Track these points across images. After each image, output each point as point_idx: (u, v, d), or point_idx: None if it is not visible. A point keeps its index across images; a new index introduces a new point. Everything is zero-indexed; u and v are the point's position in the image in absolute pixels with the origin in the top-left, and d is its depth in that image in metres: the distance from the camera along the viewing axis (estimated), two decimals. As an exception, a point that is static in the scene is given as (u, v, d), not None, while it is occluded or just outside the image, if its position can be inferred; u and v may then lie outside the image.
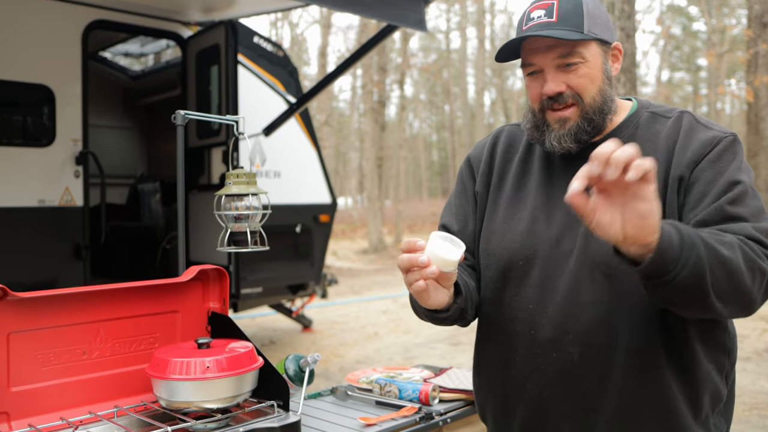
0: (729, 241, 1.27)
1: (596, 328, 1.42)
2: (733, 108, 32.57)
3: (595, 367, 1.42)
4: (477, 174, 1.69)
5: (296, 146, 6.66)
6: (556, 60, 1.45)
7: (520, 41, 1.48)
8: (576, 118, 1.47)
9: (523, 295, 1.52)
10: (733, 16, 24.49)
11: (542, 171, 1.58)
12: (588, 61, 1.46)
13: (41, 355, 1.55)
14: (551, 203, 1.53)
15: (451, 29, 31.88)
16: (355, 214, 33.57)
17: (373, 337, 7.63)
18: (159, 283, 1.72)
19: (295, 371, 1.88)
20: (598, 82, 1.47)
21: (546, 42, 1.45)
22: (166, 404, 1.56)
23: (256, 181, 1.83)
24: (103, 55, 8.18)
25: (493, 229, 1.60)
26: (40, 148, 5.03)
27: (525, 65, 1.52)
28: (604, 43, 1.49)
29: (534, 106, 1.53)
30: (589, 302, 1.42)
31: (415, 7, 4.56)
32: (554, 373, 1.46)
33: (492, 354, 1.60)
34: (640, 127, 1.51)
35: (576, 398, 1.45)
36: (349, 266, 16.03)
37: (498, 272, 1.56)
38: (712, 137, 1.43)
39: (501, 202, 1.62)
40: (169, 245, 6.62)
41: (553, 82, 1.46)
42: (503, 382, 1.56)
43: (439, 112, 39.53)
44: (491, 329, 1.60)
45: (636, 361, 1.40)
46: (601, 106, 1.48)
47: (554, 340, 1.46)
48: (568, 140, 1.48)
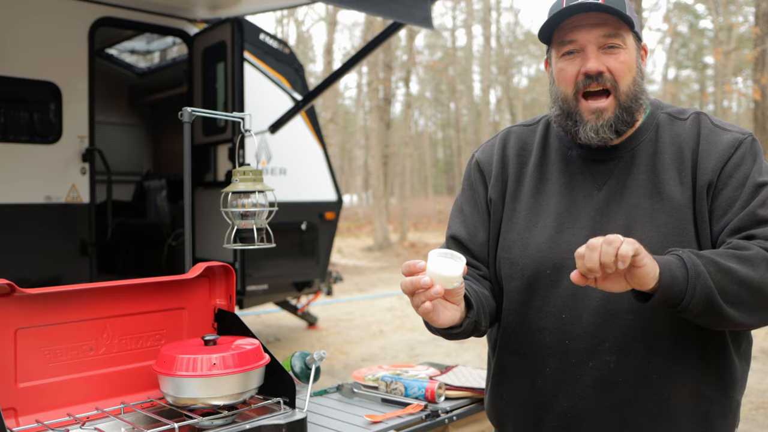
0: (752, 256, 1.29)
1: (633, 336, 1.40)
2: (740, 106, 32.42)
3: (632, 375, 1.41)
4: (489, 180, 1.62)
5: (302, 143, 6.67)
6: (601, 39, 1.42)
7: (567, 14, 1.42)
8: (613, 110, 1.44)
9: (553, 304, 1.48)
10: (740, 14, 24.38)
11: (561, 174, 1.54)
12: (627, 48, 1.44)
13: (48, 351, 1.55)
14: (575, 207, 1.49)
15: (457, 27, 31.80)
16: (360, 212, 33.59)
17: (379, 335, 7.63)
18: (166, 279, 1.73)
19: (301, 368, 1.88)
20: (633, 73, 1.45)
21: (592, 20, 1.42)
22: (173, 401, 1.57)
23: (262, 179, 1.83)
24: (110, 52, 8.20)
25: (514, 238, 1.55)
26: (47, 144, 5.05)
27: (563, 43, 1.46)
28: (638, 39, 1.48)
29: (567, 90, 1.47)
30: (625, 309, 1.41)
31: (421, 4, 4.56)
32: (589, 382, 1.44)
33: (516, 365, 1.55)
34: (660, 130, 1.50)
35: (613, 407, 1.43)
36: (355, 264, 16.04)
37: (523, 282, 1.52)
38: (732, 140, 1.43)
39: (519, 208, 1.56)
40: (174, 242, 6.64)
41: (595, 60, 1.42)
42: (529, 393, 1.53)
43: (444, 109, 39.48)
44: (515, 340, 1.55)
45: (673, 369, 1.39)
46: (636, 95, 1.46)
47: (590, 349, 1.43)
48: (608, 131, 1.45)
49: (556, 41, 1.48)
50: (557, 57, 1.49)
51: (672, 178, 1.43)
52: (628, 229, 1.42)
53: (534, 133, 1.63)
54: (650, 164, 1.46)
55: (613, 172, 1.49)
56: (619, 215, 1.44)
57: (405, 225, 22.06)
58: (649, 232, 1.40)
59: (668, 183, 1.43)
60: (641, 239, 1.39)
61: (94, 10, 5.31)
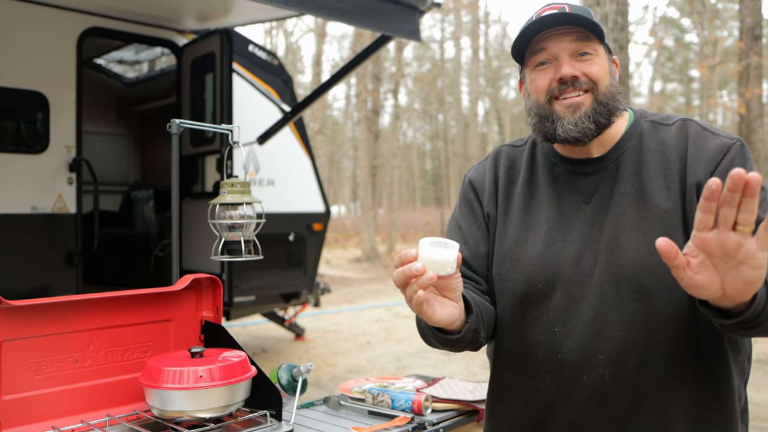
0: None
1: (626, 347, 1.39)
2: (726, 119, 32.71)
3: (627, 387, 1.39)
4: (483, 197, 1.63)
5: (290, 155, 6.67)
6: (573, 44, 1.43)
7: (538, 28, 1.43)
8: (590, 103, 1.43)
9: (546, 318, 1.47)
10: (725, 29, 24.66)
11: (550, 190, 1.54)
12: (600, 55, 1.45)
13: (33, 363, 1.54)
14: (565, 222, 1.49)
15: (446, 39, 32.00)
16: (348, 223, 33.57)
17: (366, 347, 7.61)
18: (152, 291, 1.72)
19: (288, 381, 1.88)
20: (609, 77, 1.46)
21: (563, 30, 1.43)
22: (159, 413, 1.56)
23: (250, 190, 1.83)
24: (98, 62, 8.18)
25: (505, 253, 1.54)
26: (34, 154, 5.03)
27: (535, 53, 1.47)
28: (608, 51, 1.49)
29: (540, 97, 1.47)
30: (616, 320, 1.39)
31: (409, 17, 4.59)
32: (585, 396, 1.43)
33: (511, 381, 1.55)
34: (644, 137, 1.49)
35: (610, 420, 1.42)
36: (342, 275, 16.01)
37: (515, 297, 1.51)
38: (721, 145, 1.41)
39: (510, 224, 1.56)
40: (161, 253, 6.61)
41: (569, 65, 1.43)
42: (524, 409, 1.52)
43: (432, 121, 39.63)
44: (510, 356, 1.55)
45: (669, 379, 1.38)
46: (614, 95, 1.45)
47: (583, 362, 1.42)
48: (586, 121, 1.42)
49: (528, 55, 1.49)
50: (530, 70, 1.50)
51: (658, 185, 1.43)
52: (615, 238, 1.42)
53: (522, 152, 1.64)
54: (635, 173, 1.46)
55: (599, 184, 1.49)
56: (607, 226, 1.44)
57: (393, 236, 22.06)
58: (636, 241, 1.40)
59: (654, 190, 1.42)
60: (629, 247, 1.40)
61: (82, 20, 5.30)
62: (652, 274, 1.36)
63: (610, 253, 1.41)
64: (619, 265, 1.40)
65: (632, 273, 1.38)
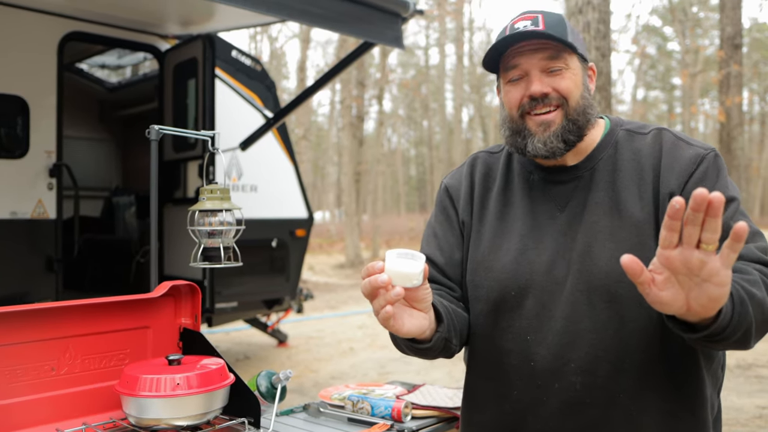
0: (755, 279, 1.24)
1: (598, 355, 1.39)
2: (707, 127, 33.06)
3: (599, 396, 1.40)
4: (458, 204, 1.63)
5: (273, 160, 6.66)
6: (544, 61, 1.43)
7: (509, 42, 1.44)
8: (560, 121, 1.44)
9: (518, 326, 1.47)
10: (706, 37, 24.95)
11: (524, 198, 1.55)
12: (571, 68, 1.45)
13: (8, 371, 1.52)
14: (539, 230, 1.49)
15: (430, 45, 32.09)
16: (332, 229, 33.54)
17: (349, 353, 7.60)
18: (130, 298, 1.71)
19: (267, 388, 1.87)
20: (580, 90, 1.46)
21: (533, 45, 1.44)
22: (136, 421, 1.55)
23: (230, 197, 1.82)
24: (80, 66, 8.13)
25: (479, 260, 1.55)
26: (13, 159, 4.98)
27: (507, 69, 1.48)
28: (583, 60, 1.49)
29: (513, 112, 1.48)
30: (588, 329, 1.40)
31: (392, 25, 4.60)
32: (557, 405, 1.43)
33: (485, 389, 1.55)
34: (619, 146, 1.49)
35: (582, 429, 1.42)
36: (326, 281, 15.99)
37: (488, 305, 1.51)
38: (695, 155, 1.41)
39: (484, 231, 1.57)
40: (143, 259, 6.57)
41: (539, 83, 1.43)
42: (496, 418, 1.52)
43: (417, 127, 39.71)
44: (483, 364, 1.55)
45: (640, 388, 1.38)
46: (584, 109, 1.46)
47: (555, 370, 1.42)
48: (555, 140, 1.44)
49: (502, 69, 1.50)
50: (504, 83, 1.51)
51: (632, 194, 1.43)
52: (588, 247, 1.42)
53: (498, 159, 1.64)
54: (610, 181, 1.47)
55: (574, 193, 1.49)
56: (580, 234, 1.44)
57: (377, 242, 22.07)
58: (609, 250, 1.40)
59: (628, 199, 1.43)
60: (601, 256, 1.40)
61: (63, 24, 5.27)
62: (624, 284, 1.35)
63: (582, 262, 1.41)
64: (592, 273, 1.40)
65: (604, 282, 1.39)
